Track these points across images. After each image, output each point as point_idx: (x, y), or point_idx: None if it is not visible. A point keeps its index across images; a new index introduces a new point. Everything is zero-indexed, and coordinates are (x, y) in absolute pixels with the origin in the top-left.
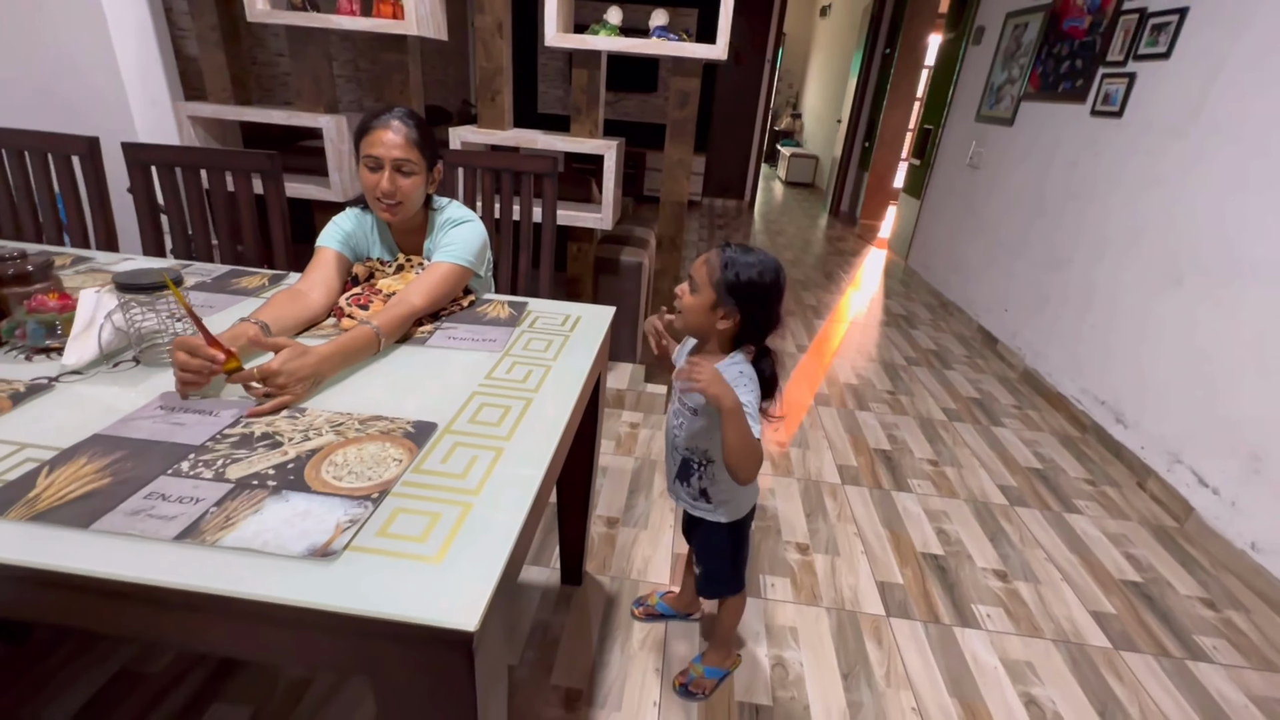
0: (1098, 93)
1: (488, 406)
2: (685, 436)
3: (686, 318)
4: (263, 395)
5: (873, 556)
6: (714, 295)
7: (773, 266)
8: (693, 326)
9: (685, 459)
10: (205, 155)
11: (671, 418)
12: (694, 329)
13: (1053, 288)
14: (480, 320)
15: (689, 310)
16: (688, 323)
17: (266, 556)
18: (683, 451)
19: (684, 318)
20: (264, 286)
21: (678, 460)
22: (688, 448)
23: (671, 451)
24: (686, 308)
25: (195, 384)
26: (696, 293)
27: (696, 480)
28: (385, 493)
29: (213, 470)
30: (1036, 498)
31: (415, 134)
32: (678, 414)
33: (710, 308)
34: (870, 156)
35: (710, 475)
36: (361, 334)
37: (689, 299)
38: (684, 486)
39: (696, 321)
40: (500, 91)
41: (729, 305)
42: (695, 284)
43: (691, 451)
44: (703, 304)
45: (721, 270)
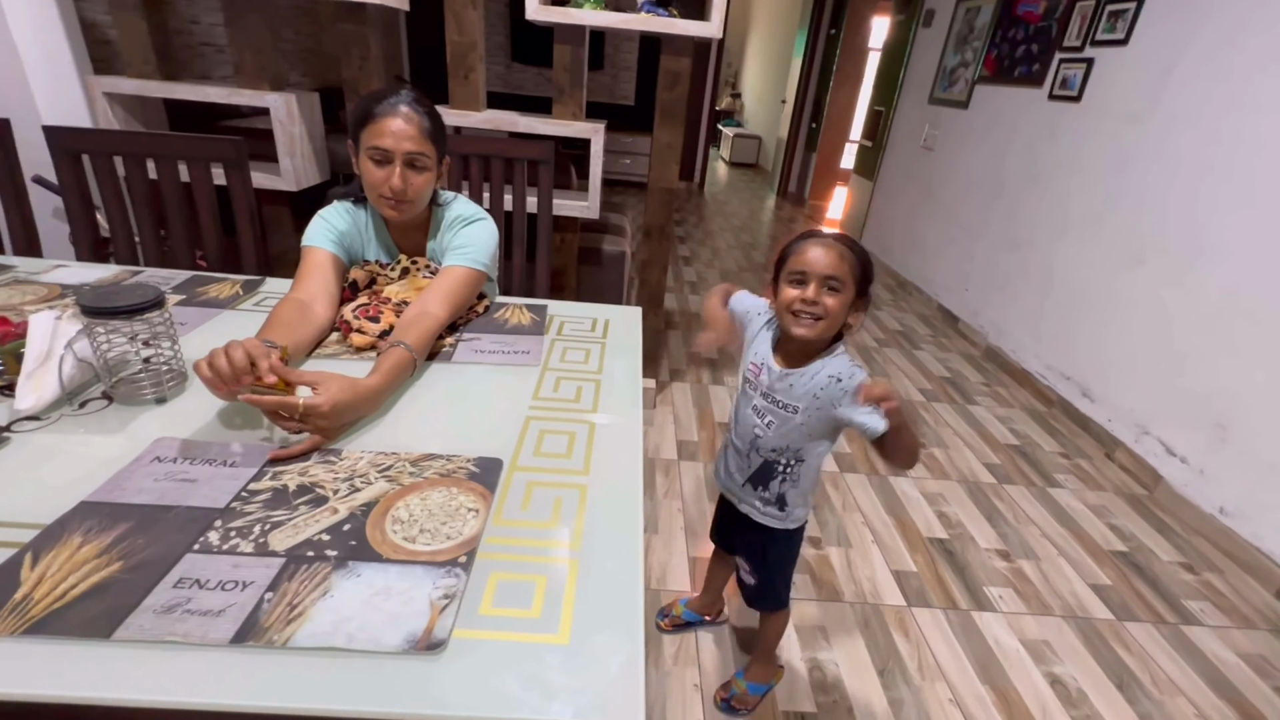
0: (1055, 78)
1: (549, 434)
2: (774, 437)
3: (829, 324)
4: (295, 431)
5: (884, 545)
6: (853, 290)
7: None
8: (834, 329)
9: (769, 461)
10: (155, 142)
11: (751, 416)
12: (833, 330)
13: (1013, 267)
14: (503, 329)
15: (839, 314)
16: (828, 329)
17: (358, 656)
18: (766, 454)
19: (825, 324)
20: (238, 295)
21: (756, 463)
22: (774, 449)
23: (748, 454)
24: (835, 311)
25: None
26: (843, 292)
27: (778, 484)
28: (473, 553)
29: (251, 541)
30: (1020, 474)
31: (428, 123)
32: (762, 411)
33: (848, 305)
34: (818, 137)
35: (795, 477)
36: (402, 359)
37: (838, 301)
38: (758, 491)
39: (839, 323)
40: (474, 69)
41: (861, 299)
42: (837, 283)
43: (779, 453)
44: (846, 302)
45: (860, 262)
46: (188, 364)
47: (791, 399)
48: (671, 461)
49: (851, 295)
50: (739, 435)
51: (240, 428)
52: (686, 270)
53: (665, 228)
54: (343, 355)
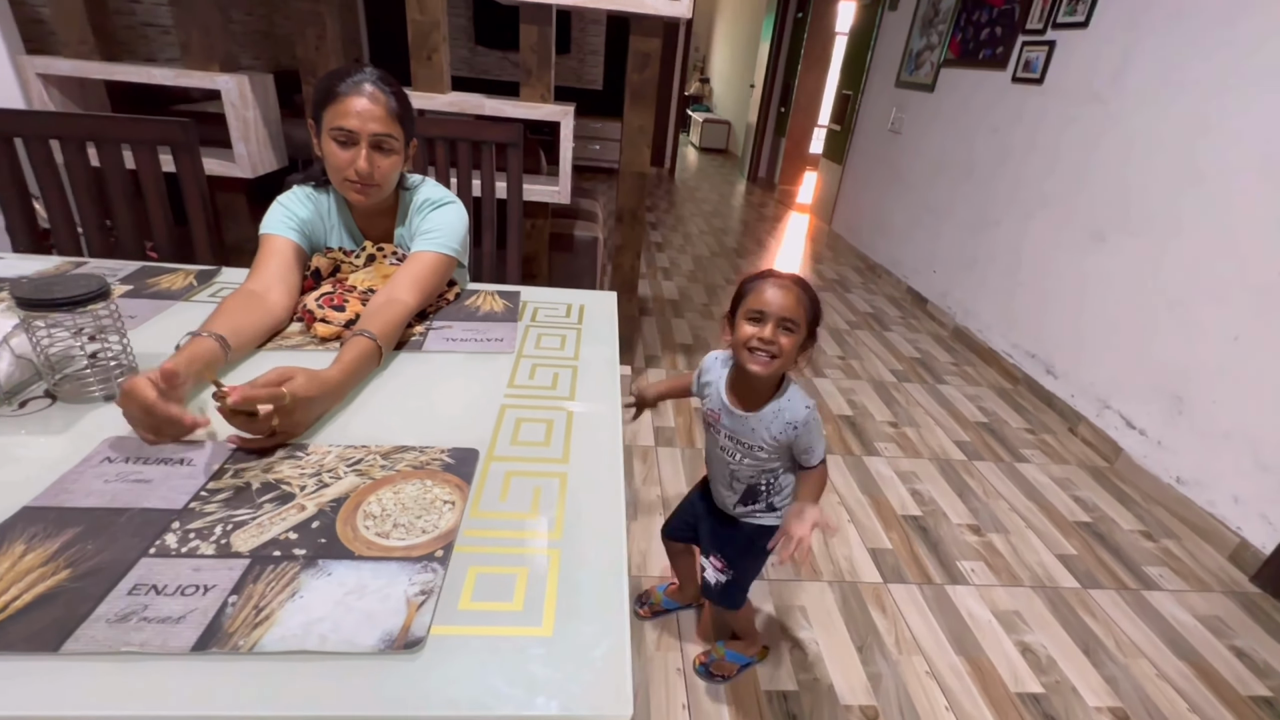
0: (1018, 60)
1: (526, 423)
2: (748, 468)
3: (783, 362)
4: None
5: (859, 524)
6: (804, 331)
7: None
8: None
9: (751, 486)
10: (97, 124)
11: (722, 455)
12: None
13: (980, 248)
14: (474, 316)
15: (792, 353)
16: (781, 367)
17: (331, 659)
18: (747, 480)
19: (779, 363)
20: (192, 287)
21: (740, 489)
22: (751, 476)
23: (730, 484)
24: (790, 352)
25: (150, 429)
26: (797, 333)
27: (765, 496)
28: (450, 547)
29: (213, 542)
30: (989, 450)
31: (395, 103)
32: (731, 450)
33: (799, 345)
34: (787, 122)
35: (779, 486)
36: (366, 349)
37: (791, 341)
38: (750, 506)
39: (791, 362)
40: (437, 49)
41: (811, 339)
42: (792, 324)
43: (757, 478)
44: (799, 343)
45: (812, 306)
46: (139, 359)
47: (755, 440)
48: (649, 448)
49: (803, 336)
50: (715, 471)
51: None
52: (659, 256)
53: (638, 212)
54: (306, 346)
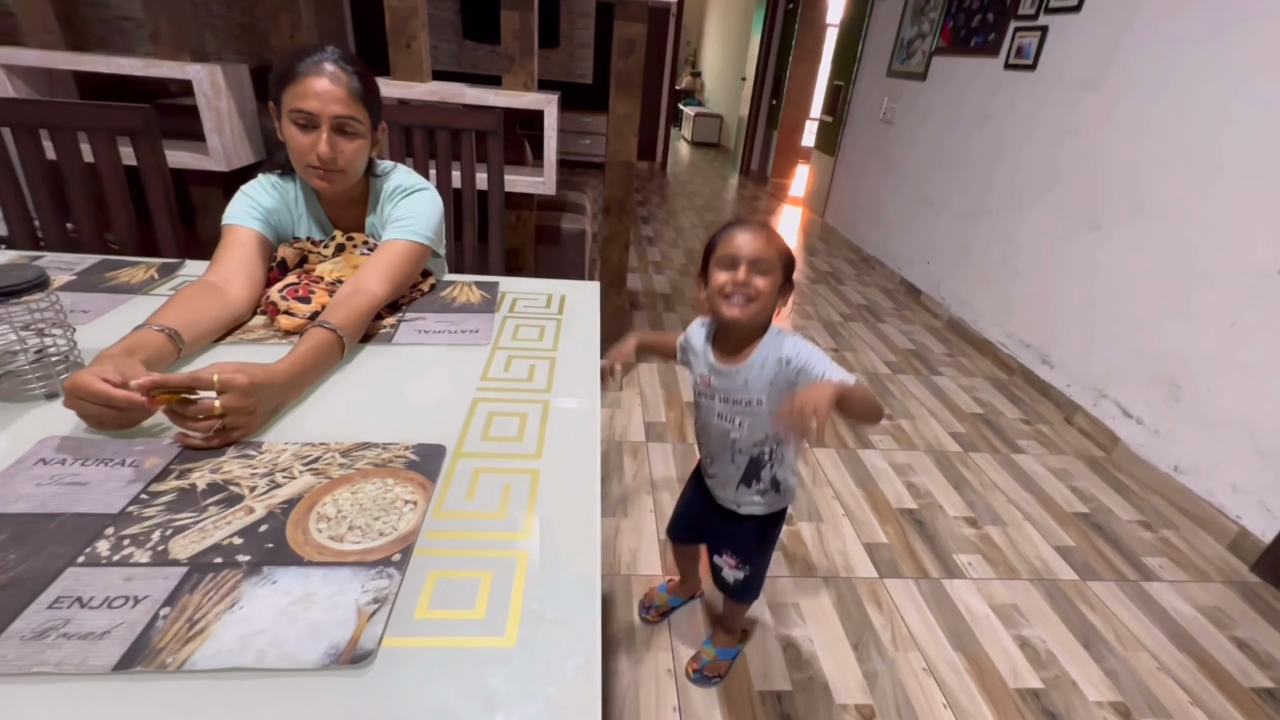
0: (1010, 46)
1: (499, 416)
2: (749, 433)
3: (761, 305)
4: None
5: (854, 519)
6: (781, 275)
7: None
8: (765, 312)
9: (754, 457)
10: (49, 111)
11: (720, 424)
12: (764, 314)
13: (974, 238)
14: (450, 307)
15: (769, 295)
16: (759, 311)
17: (269, 676)
18: (749, 450)
19: (757, 306)
20: (153, 280)
21: (742, 463)
22: (754, 443)
23: (732, 457)
24: (765, 294)
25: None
26: (769, 274)
27: (769, 471)
28: (409, 550)
29: (149, 549)
30: (985, 441)
31: (358, 84)
32: (729, 415)
33: (777, 289)
34: (779, 115)
35: (780, 456)
36: (323, 340)
37: (767, 282)
38: (753, 487)
39: (766, 306)
40: (416, 37)
41: (789, 282)
42: (765, 264)
43: (759, 444)
44: (774, 285)
45: (784, 249)
46: (86, 355)
47: (750, 393)
48: (639, 444)
49: (779, 279)
50: (715, 446)
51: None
52: (650, 250)
53: (625, 203)
54: (270, 340)
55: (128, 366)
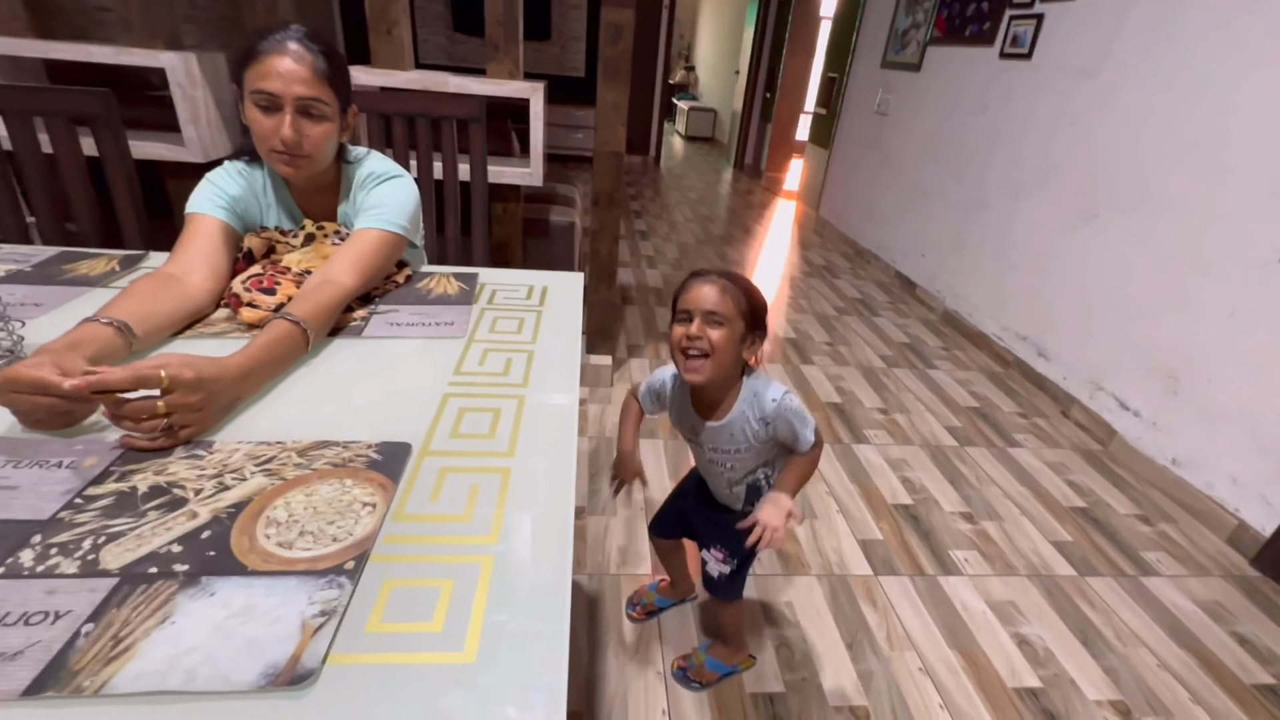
0: (1006, 35)
1: (470, 412)
2: (743, 467)
3: (718, 361)
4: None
5: (848, 515)
6: (743, 325)
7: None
8: (727, 363)
9: (752, 485)
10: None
11: (713, 466)
12: (727, 366)
13: (969, 230)
14: (425, 299)
15: (726, 348)
16: (717, 370)
17: (196, 700)
18: (747, 481)
19: (712, 364)
20: (114, 273)
21: (741, 491)
22: (748, 471)
23: (730, 489)
24: (722, 347)
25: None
26: (726, 325)
27: (765, 488)
28: (364, 557)
29: (77, 559)
30: (981, 435)
31: (323, 63)
32: (719, 460)
33: (739, 339)
34: (772, 108)
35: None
36: (284, 333)
37: (722, 335)
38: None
39: (729, 357)
40: (397, 23)
41: (756, 332)
42: (720, 317)
43: (754, 473)
44: (734, 336)
45: (750, 297)
46: (31, 349)
47: (735, 444)
48: None
49: (740, 330)
50: (714, 482)
51: (91, 420)
52: (643, 244)
53: (615, 194)
54: (232, 333)
55: (69, 361)
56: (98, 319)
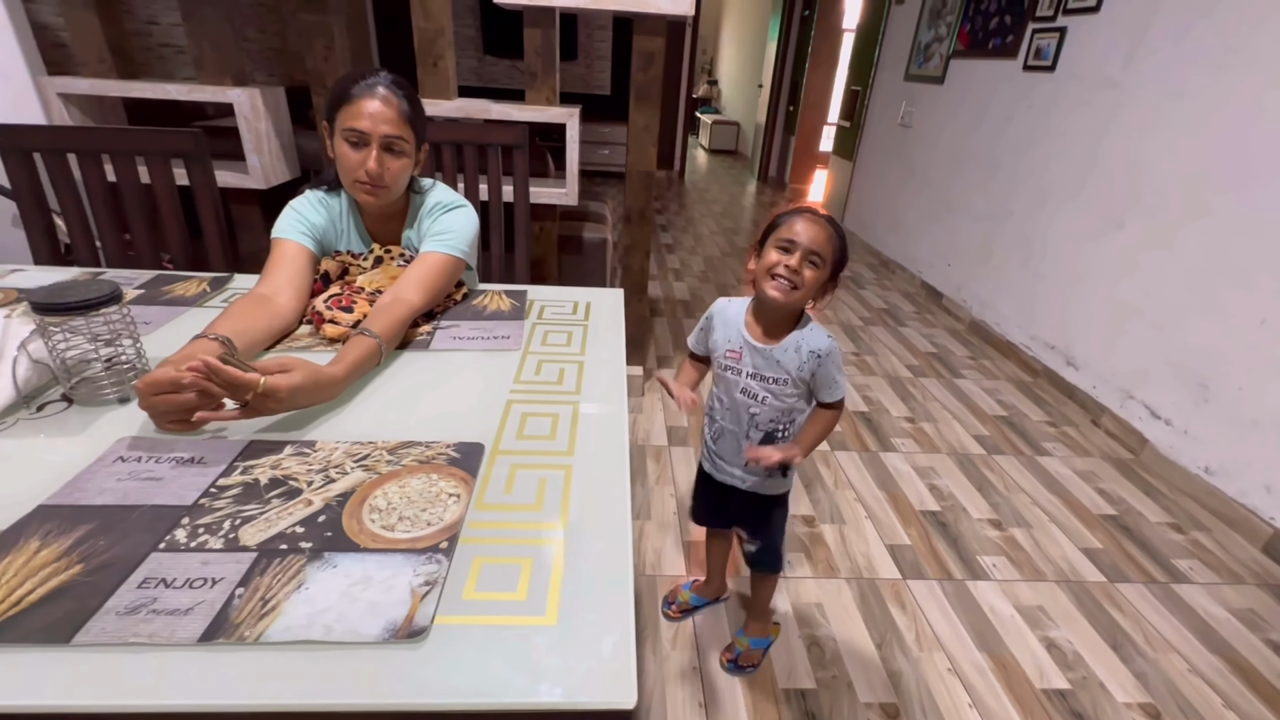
0: (1029, 48)
1: (532, 417)
2: (770, 409)
3: (803, 295)
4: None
5: (877, 520)
6: (829, 273)
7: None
8: (801, 303)
9: (769, 433)
10: (109, 137)
11: (743, 399)
12: (800, 305)
13: (995, 240)
14: (481, 315)
15: (811, 288)
16: (799, 300)
17: (335, 649)
18: (765, 426)
19: (799, 295)
20: (205, 294)
21: (757, 439)
22: (771, 419)
23: (746, 433)
24: (810, 285)
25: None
26: (822, 269)
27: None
28: (455, 539)
29: (221, 537)
30: (1009, 444)
31: (407, 106)
32: (754, 390)
33: (823, 281)
34: (796, 121)
35: (790, 437)
36: (364, 346)
37: (814, 275)
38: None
39: (808, 299)
40: (443, 56)
41: (833, 282)
42: (818, 258)
43: (776, 421)
44: (821, 281)
45: (841, 248)
46: (151, 362)
47: (780, 371)
48: (662, 448)
49: (826, 275)
50: (733, 421)
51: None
52: (670, 258)
53: (645, 211)
54: (316, 347)
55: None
56: (207, 335)
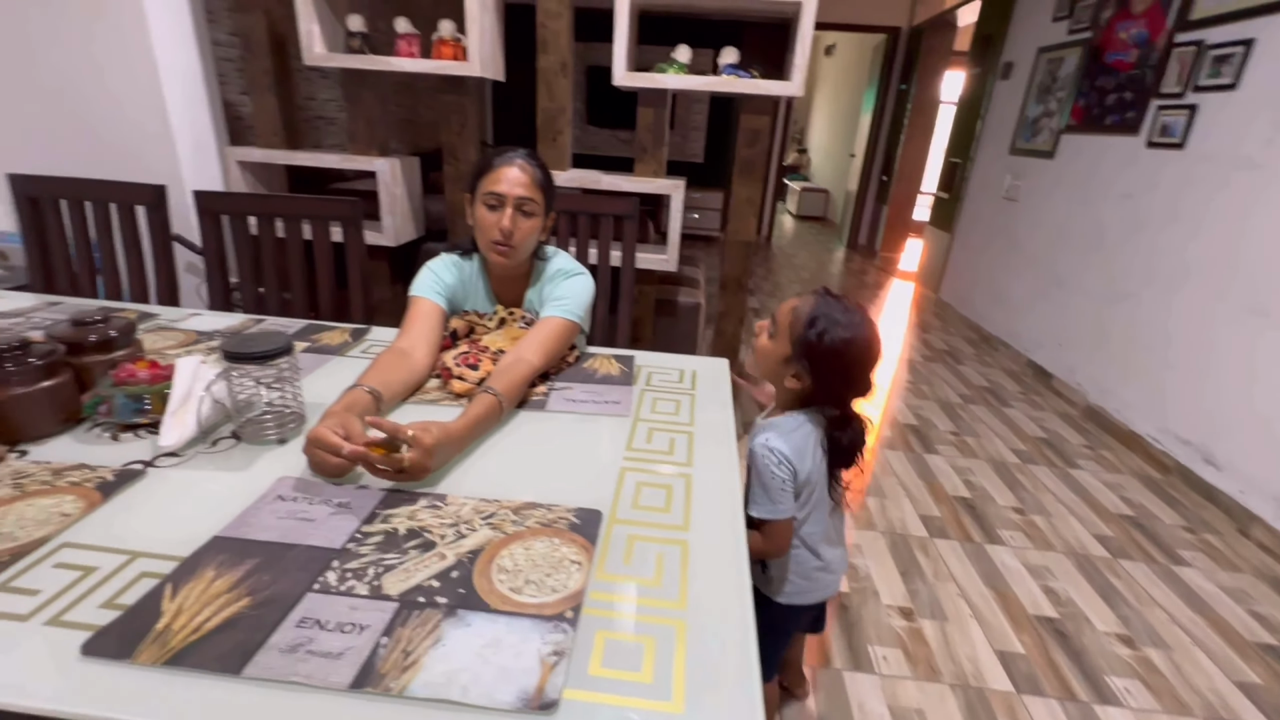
0: (1153, 124)
1: (646, 487)
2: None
3: (760, 360)
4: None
5: (983, 621)
6: (789, 349)
7: (864, 334)
8: (764, 373)
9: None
10: (285, 204)
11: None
12: (766, 376)
13: (1114, 321)
14: (592, 378)
15: (761, 355)
16: (760, 368)
17: (471, 711)
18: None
19: (757, 359)
20: (348, 343)
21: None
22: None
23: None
24: (760, 351)
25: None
26: (774, 339)
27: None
28: (579, 608)
29: (366, 583)
30: (1138, 548)
31: (540, 174)
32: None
33: (783, 360)
34: (889, 190)
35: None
36: (488, 404)
37: (764, 342)
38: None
39: (767, 369)
40: (562, 131)
41: (801, 366)
42: (775, 328)
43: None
44: (777, 354)
45: (805, 327)
46: (307, 407)
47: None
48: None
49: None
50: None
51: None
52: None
53: (742, 280)
54: (443, 401)
55: (349, 422)
56: (360, 386)
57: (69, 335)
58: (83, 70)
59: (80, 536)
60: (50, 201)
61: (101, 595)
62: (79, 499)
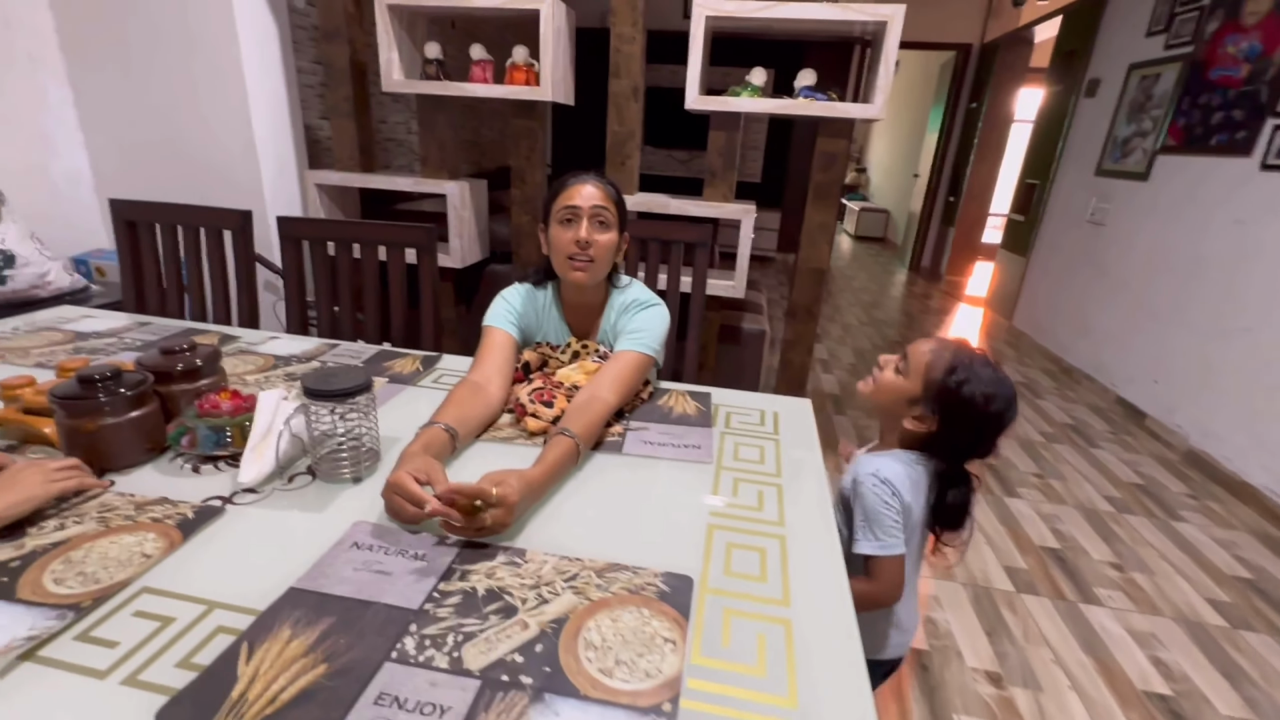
0: (1269, 145)
1: (737, 549)
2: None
3: (879, 394)
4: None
5: (1084, 694)
6: (920, 391)
7: (1007, 395)
8: (881, 406)
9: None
10: (363, 230)
11: None
12: (882, 409)
13: (1223, 358)
14: (669, 418)
15: (885, 388)
16: (878, 400)
17: None
18: None
19: (877, 391)
20: (419, 372)
21: None
22: None
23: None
24: (884, 385)
25: (411, 520)
26: (904, 375)
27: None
28: (676, 699)
29: (445, 653)
30: (1260, 619)
31: (612, 191)
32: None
33: (909, 400)
34: (956, 212)
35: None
36: (564, 448)
37: (890, 377)
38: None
39: (887, 403)
40: (631, 156)
41: (928, 411)
42: (907, 366)
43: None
44: (903, 391)
45: (945, 373)
46: (382, 443)
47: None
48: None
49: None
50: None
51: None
52: (817, 348)
53: (813, 309)
54: (517, 439)
55: (430, 467)
56: (436, 424)
57: (157, 364)
58: (180, 96)
59: (160, 580)
60: (145, 225)
61: (178, 652)
62: (160, 537)
